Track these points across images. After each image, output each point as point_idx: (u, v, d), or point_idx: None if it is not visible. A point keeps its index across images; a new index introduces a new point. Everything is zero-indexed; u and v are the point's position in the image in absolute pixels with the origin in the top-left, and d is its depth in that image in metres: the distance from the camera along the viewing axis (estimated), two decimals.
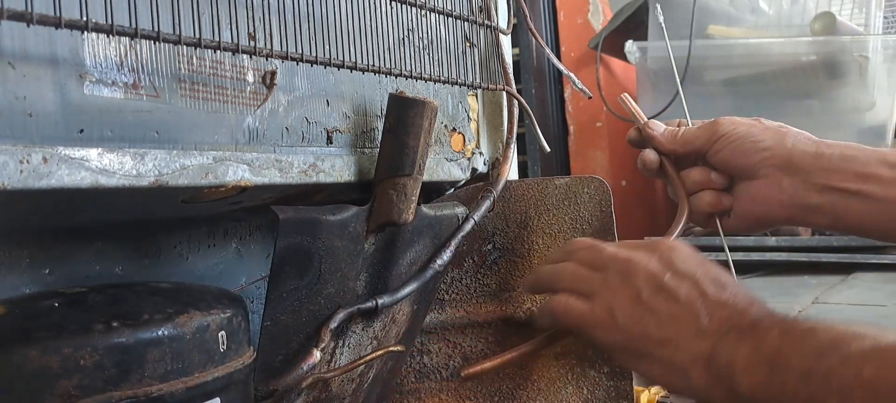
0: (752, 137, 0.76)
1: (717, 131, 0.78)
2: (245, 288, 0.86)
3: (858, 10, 2.29)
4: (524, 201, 0.93)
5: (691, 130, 0.81)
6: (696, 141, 0.80)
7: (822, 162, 0.72)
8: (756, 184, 0.76)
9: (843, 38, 2.21)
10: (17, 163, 0.46)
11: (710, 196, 0.80)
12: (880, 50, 2.19)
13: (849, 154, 0.71)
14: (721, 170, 0.79)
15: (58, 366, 0.47)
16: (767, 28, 2.33)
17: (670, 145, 0.82)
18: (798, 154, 0.73)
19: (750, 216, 0.78)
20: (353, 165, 0.73)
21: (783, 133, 0.75)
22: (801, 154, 0.73)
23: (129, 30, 0.50)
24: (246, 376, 0.59)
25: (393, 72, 0.74)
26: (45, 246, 0.66)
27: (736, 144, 0.76)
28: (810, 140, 0.75)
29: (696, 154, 0.81)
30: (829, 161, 0.72)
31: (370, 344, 0.80)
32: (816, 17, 2.26)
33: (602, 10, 2.88)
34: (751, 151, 0.75)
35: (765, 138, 0.75)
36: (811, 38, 2.24)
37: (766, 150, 0.75)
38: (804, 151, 0.73)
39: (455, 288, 0.95)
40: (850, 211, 0.71)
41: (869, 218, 0.70)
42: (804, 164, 0.73)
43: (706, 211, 0.80)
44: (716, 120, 0.80)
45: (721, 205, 0.79)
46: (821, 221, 0.74)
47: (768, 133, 0.75)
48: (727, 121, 0.78)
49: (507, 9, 0.98)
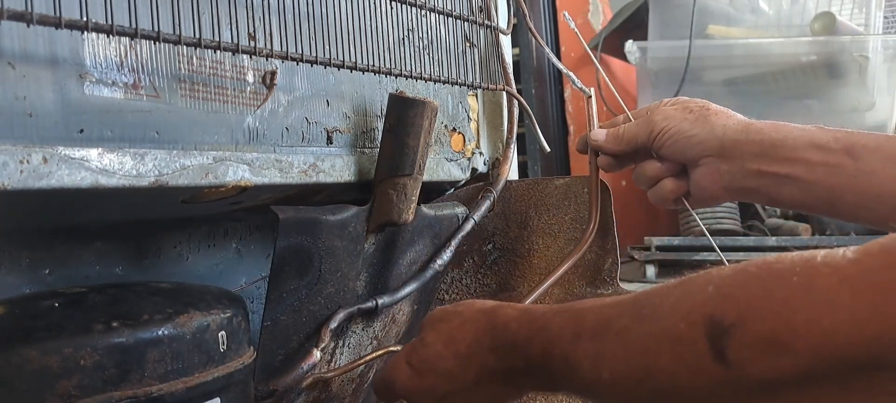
0: (684, 133, 0.80)
1: (653, 129, 0.82)
2: (245, 288, 0.86)
3: (858, 10, 2.29)
4: (524, 201, 0.93)
5: (631, 128, 0.84)
6: (638, 138, 0.84)
7: (752, 147, 0.76)
8: (699, 171, 0.80)
9: (843, 38, 2.21)
10: (17, 163, 0.46)
11: (670, 183, 0.84)
12: (880, 50, 2.19)
13: (779, 137, 0.75)
14: (669, 160, 0.83)
15: (58, 366, 0.47)
16: (767, 28, 2.33)
17: (616, 147, 0.86)
18: (729, 142, 0.77)
19: (702, 198, 0.83)
20: (353, 165, 0.73)
21: (712, 122, 0.79)
22: (732, 142, 0.77)
23: (129, 30, 0.50)
24: (246, 376, 0.59)
25: (393, 73, 0.74)
26: (45, 247, 0.66)
27: (672, 141, 0.80)
28: (740, 124, 0.78)
29: (643, 148, 0.85)
30: (759, 146, 0.76)
31: (370, 344, 0.80)
32: (816, 17, 2.26)
33: (602, 10, 2.88)
34: (686, 146, 0.80)
35: (696, 131, 0.79)
36: (811, 38, 2.24)
37: (700, 143, 0.79)
38: (735, 139, 0.77)
39: (455, 288, 0.95)
40: (783, 193, 0.76)
41: (799, 198, 0.75)
42: (736, 151, 0.77)
43: (670, 198, 0.84)
44: (649, 113, 0.84)
45: (681, 190, 0.84)
46: (758, 200, 0.83)
47: (698, 124, 0.79)
48: (659, 116, 0.82)
49: (507, 9, 0.98)
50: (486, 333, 0.60)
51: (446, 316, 0.65)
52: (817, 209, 0.77)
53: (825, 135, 0.73)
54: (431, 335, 0.64)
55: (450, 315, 0.65)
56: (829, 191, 0.73)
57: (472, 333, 0.62)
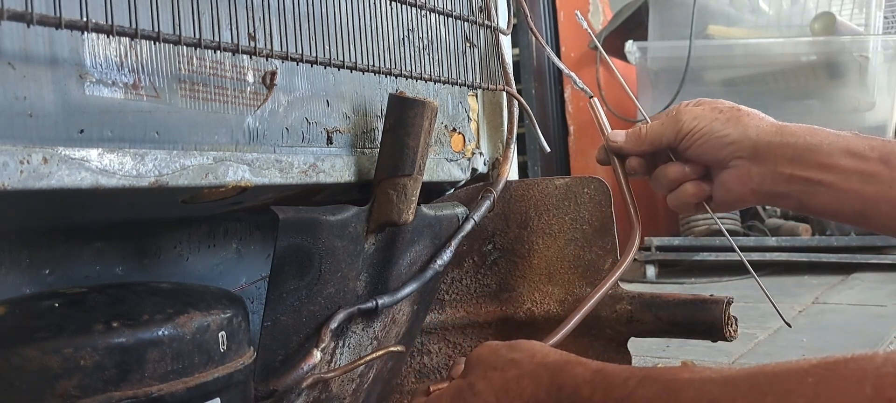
0: (716, 133, 0.77)
1: (681, 128, 0.79)
2: (245, 288, 0.86)
3: (858, 10, 2.29)
4: (524, 201, 0.93)
5: (655, 127, 0.82)
6: (663, 138, 0.81)
7: (786, 151, 0.74)
8: (728, 173, 0.78)
9: (843, 38, 2.22)
10: (18, 164, 0.46)
11: (692, 186, 0.82)
12: (880, 50, 2.19)
13: (813, 142, 0.73)
14: (694, 162, 0.81)
15: (58, 366, 0.47)
16: (767, 28, 2.33)
17: (638, 148, 0.83)
18: (763, 144, 0.75)
19: (726, 201, 0.81)
20: (353, 165, 0.73)
21: (744, 123, 0.77)
22: (765, 144, 0.75)
23: (129, 30, 0.50)
24: (246, 376, 0.59)
25: (393, 73, 0.74)
26: (45, 246, 0.66)
27: (702, 141, 0.78)
28: (773, 126, 0.76)
29: (664, 150, 0.83)
30: (793, 150, 0.74)
31: (370, 345, 0.80)
32: (816, 17, 2.26)
33: (602, 10, 2.88)
34: (717, 147, 0.78)
35: (728, 131, 0.77)
36: (811, 38, 2.24)
37: (733, 143, 0.77)
38: (769, 141, 0.75)
39: (455, 288, 0.95)
40: (814, 199, 0.74)
41: (831, 205, 0.73)
42: (769, 154, 0.75)
43: (692, 202, 0.82)
44: (676, 113, 0.81)
45: (703, 193, 0.82)
46: (788, 205, 0.78)
47: (730, 125, 0.77)
48: (688, 116, 0.79)
49: (507, 9, 0.98)
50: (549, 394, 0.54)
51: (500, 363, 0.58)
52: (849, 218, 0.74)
53: (861, 142, 0.71)
54: (482, 383, 0.58)
55: (504, 363, 0.58)
56: (863, 200, 0.70)
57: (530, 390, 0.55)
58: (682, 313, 0.85)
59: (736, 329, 0.85)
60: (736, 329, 0.85)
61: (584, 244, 0.91)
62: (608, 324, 0.88)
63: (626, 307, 0.87)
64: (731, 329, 0.84)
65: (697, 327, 0.85)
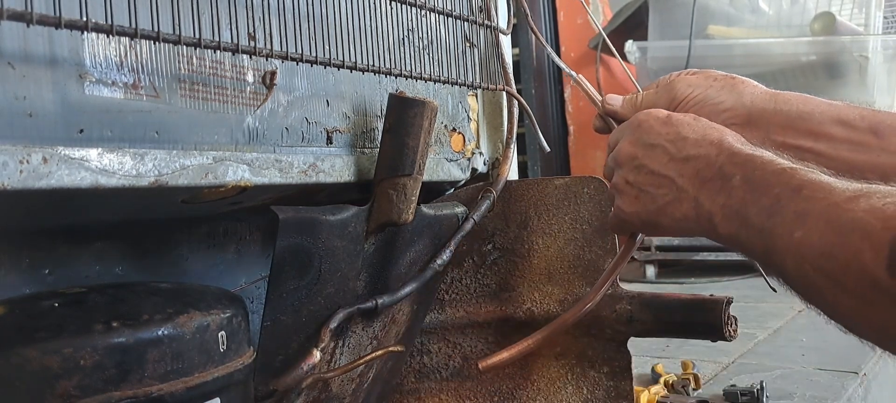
0: (711, 99, 0.79)
1: (676, 95, 0.80)
2: (245, 287, 0.86)
3: (858, 10, 2.29)
4: (524, 201, 0.93)
5: (650, 94, 0.83)
6: (657, 105, 0.82)
7: (779, 118, 0.76)
8: None
9: (843, 38, 2.22)
10: (17, 163, 0.46)
11: None
12: (880, 50, 2.19)
13: (806, 110, 0.75)
14: None
15: (58, 366, 0.47)
16: (767, 28, 2.33)
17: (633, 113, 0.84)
18: (757, 111, 0.77)
19: None
20: (352, 165, 0.73)
21: (739, 89, 0.78)
22: (759, 111, 0.77)
23: (129, 30, 0.50)
24: (246, 376, 0.59)
25: (393, 73, 0.74)
26: (45, 247, 0.66)
27: (697, 107, 0.79)
28: (767, 94, 0.78)
29: None
30: (786, 117, 0.75)
31: (370, 344, 0.80)
32: (816, 17, 2.26)
33: (602, 10, 2.88)
34: (712, 113, 0.78)
35: (723, 98, 0.78)
36: (811, 38, 2.24)
37: (728, 110, 0.78)
38: (763, 108, 0.77)
39: (455, 288, 0.95)
40: None
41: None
42: (763, 121, 0.77)
43: None
44: (670, 81, 0.82)
45: None
46: None
47: (725, 92, 0.79)
48: (683, 84, 0.81)
49: (507, 9, 0.98)
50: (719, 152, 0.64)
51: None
52: None
53: (852, 111, 0.72)
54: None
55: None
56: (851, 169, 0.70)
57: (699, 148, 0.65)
58: (682, 313, 0.85)
59: (736, 328, 0.85)
60: (736, 328, 0.85)
61: (584, 244, 0.91)
62: (608, 324, 0.88)
63: (626, 307, 0.87)
64: (731, 328, 0.84)
65: (697, 327, 0.85)
